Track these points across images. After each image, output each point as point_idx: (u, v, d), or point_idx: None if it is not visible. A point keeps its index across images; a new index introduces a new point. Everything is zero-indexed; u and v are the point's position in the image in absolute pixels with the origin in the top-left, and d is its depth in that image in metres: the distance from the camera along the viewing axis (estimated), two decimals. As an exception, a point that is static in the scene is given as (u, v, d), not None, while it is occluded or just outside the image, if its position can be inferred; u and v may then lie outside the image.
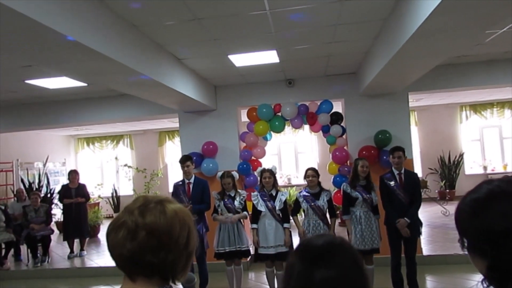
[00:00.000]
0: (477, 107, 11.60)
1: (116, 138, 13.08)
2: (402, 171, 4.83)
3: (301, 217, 5.20)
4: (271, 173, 4.86)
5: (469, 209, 1.01)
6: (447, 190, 11.22)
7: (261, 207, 4.77)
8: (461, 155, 11.56)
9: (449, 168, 11.41)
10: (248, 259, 5.89)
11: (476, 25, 3.15)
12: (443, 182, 11.33)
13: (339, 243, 1.01)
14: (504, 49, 5.71)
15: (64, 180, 9.60)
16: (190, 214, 1.14)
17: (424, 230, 6.53)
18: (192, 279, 1.27)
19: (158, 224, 1.05)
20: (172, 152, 12.60)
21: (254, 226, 4.83)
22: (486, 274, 0.97)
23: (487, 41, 5.18)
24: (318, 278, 0.94)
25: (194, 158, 5.96)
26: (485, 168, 11.75)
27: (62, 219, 8.49)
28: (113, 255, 1.07)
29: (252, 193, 5.02)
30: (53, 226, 8.24)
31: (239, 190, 5.10)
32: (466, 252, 1.03)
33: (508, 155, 11.74)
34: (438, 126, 11.79)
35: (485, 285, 0.98)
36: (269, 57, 5.11)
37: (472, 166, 11.84)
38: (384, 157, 5.92)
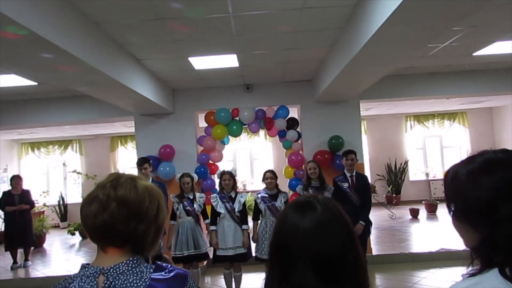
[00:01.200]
0: (420, 118, 12.37)
1: (64, 143, 12.50)
2: (354, 173, 5.08)
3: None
4: (231, 175, 4.91)
5: (465, 177, 0.95)
6: (394, 195, 11.82)
7: (221, 209, 4.79)
8: (406, 162, 12.24)
9: (395, 175, 12.04)
10: (205, 262, 5.86)
11: (421, 37, 3.43)
12: (390, 187, 11.93)
13: (324, 197, 1.12)
14: (445, 62, 6.19)
15: (5, 187, 9.03)
16: (160, 192, 1.21)
17: (373, 232, 6.84)
18: (159, 243, 1.30)
19: (128, 197, 1.11)
20: (125, 157, 12.26)
21: (213, 228, 4.84)
22: (477, 245, 0.93)
23: (431, 54, 5.61)
24: (309, 220, 1.03)
25: (151, 161, 5.88)
26: (427, 175, 12.52)
27: (3, 228, 7.96)
28: (86, 226, 1.12)
29: (211, 195, 5.04)
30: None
31: (197, 193, 5.10)
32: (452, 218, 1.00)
33: (447, 163, 12.58)
34: (385, 134, 12.43)
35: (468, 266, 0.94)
36: (229, 61, 5.19)
37: (416, 173, 12.56)
38: (337, 161, 6.17)
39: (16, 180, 7.42)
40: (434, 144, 12.74)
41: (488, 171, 0.92)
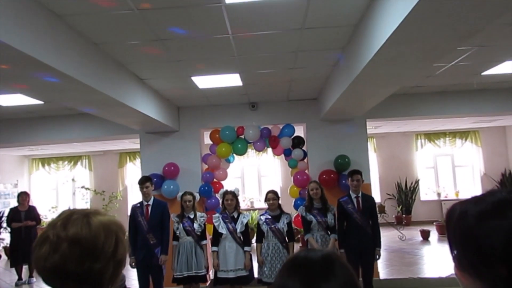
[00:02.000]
0: (431, 136, 12.17)
1: (73, 159, 12.61)
2: (360, 194, 4.96)
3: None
4: (234, 195, 4.85)
5: (475, 220, 0.84)
6: (404, 215, 11.56)
7: (222, 229, 4.72)
8: (417, 182, 12.00)
9: (406, 194, 11.80)
10: (208, 284, 5.76)
11: (424, 57, 3.36)
12: (400, 207, 11.69)
13: (336, 257, 0.96)
14: (453, 81, 6.09)
15: (15, 203, 9.09)
16: (119, 224, 1.14)
17: (382, 254, 6.65)
18: (121, 277, 1.23)
19: (80, 235, 1.04)
20: (133, 173, 12.29)
21: (215, 249, 4.76)
22: None
23: (438, 73, 5.52)
24: None
25: (155, 179, 5.85)
26: (438, 194, 12.24)
27: (9, 244, 7.99)
28: (37, 270, 1.06)
29: (213, 215, 4.97)
30: (1, 251, 7.73)
31: (198, 212, 5.03)
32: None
33: (460, 182, 12.31)
34: (395, 153, 12.25)
35: None
36: (232, 80, 5.19)
37: (427, 192, 12.30)
38: (343, 181, 6.06)
39: (23, 196, 7.47)
40: (446, 163, 12.49)
41: (502, 214, 0.81)
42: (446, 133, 12.09)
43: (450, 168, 12.44)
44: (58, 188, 12.78)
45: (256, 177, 12.51)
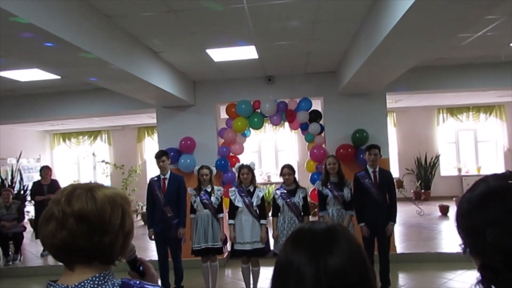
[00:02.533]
0: (454, 111, 11.84)
1: (93, 133, 12.82)
2: (377, 169, 4.89)
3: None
4: (249, 169, 4.84)
5: (465, 208, 0.95)
6: (423, 191, 11.42)
7: (239, 203, 4.74)
8: (437, 157, 11.78)
9: (425, 169, 11.62)
10: (225, 255, 5.86)
11: (448, 27, 3.20)
12: (419, 182, 11.53)
13: (340, 228, 0.94)
14: (479, 53, 5.83)
15: (38, 177, 9.35)
16: (124, 196, 1.13)
17: (399, 229, 6.62)
18: (132, 247, 1.23)
19: (86, 210, 1.03)
20: (151, 148, 12.41)
21: (231, 222, 4.80)
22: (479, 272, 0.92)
23: (463, 44, 5.28)
24: (327, 268, 0.84)
25: (172, 154, 5.89)
26: (459, 170, 12.01)
27: (34, 217, 8.27)
28: (46, 247, 1.05)
29: (229, 189, 4.98)
30: (26, 223, 8.01)
31: (215, 186, 5.06)
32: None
33: (482, 158, 12.03)
34: (416, 127, 11.99)
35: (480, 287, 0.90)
36: (248, 52, 5.08)
37: (447, 168, 12.08)
38: (361, 156, 5.97)
39: (45, 170, 7.66)
40: (468, 139, 12.18)
41: (484, 207, 0.89)
42: (469, 107, 11.73)
43: (472, 143, 12.14)
44: (79, 163, 13.08)
45: (273, 152, 12.50)
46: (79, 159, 13.04)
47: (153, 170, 11.76)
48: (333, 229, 0.92)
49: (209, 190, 4.93)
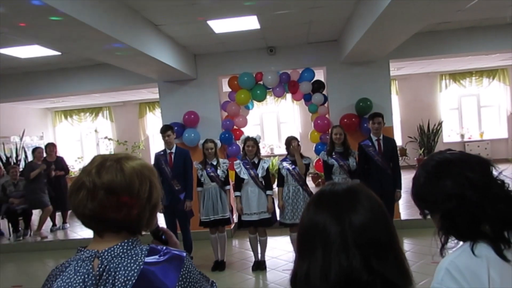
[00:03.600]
0: (456, 76, 11.73)
1: (95, 110, 12.80)
2: (381, 137, 4.91)
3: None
4: (255, 142, 4.85)
5: (423, 175, 1.23)
6: (425, 158, 11.45)
7: (244, 175, 4.78)
8: (440, 124, 11.76)
9: (428, 137, 11.63)
10: (232, 226, 5.97)
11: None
12: (422, 150, 11.57)
13: (360, 188, 0.97)
14: (484, 15, 5.72)
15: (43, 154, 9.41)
16: (150, 168, 1.15)
17: (403, 196, 6.64)
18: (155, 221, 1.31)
19: (115, 182, 1.05)
20: (153, 123, 12.44)
21: (238, 194, 4.86)
22: (440, 223, 1.17)
23: (468, 7, 5.17)
24: (352, 225, 0.88)
25: (176, 128, 5.89)
26: (462, 136, 12.03)
27: (42, 193, 8.35)
28: (77, 215, 1.08)
29: (234, 162, 5.02)
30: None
31: (221, 159, 5.09)
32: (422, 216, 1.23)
33: (484, 123, 12.02)
34: (418, 95, 11.92)
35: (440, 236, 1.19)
36: (250, 23, 5.00)
37: (450, 134, 12.09)
38: (365, 125, 5.97)
39: (50, 147, 7.70)
40: (471, 104, 12.12)
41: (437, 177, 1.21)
42: (472, 72, 11.62)
43: (475, 108, 12.10)
44: (82, 139, 13.12)
45: (276, 124, 12.50)
46: (82, 136, 13.07)
47: (156, 146, 11.83)
48: (354, 189, 0.96)
49: (214, 163, 4.96)
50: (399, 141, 11.19)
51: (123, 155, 1.13)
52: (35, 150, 7.59)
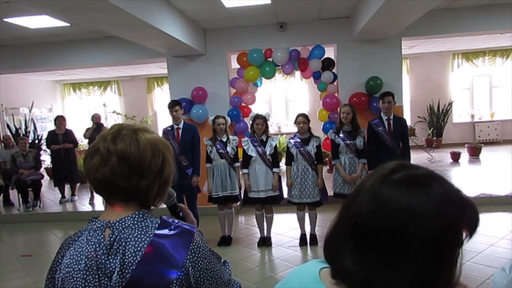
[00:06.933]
0: (469, 55, 11.50)
1: (103, 84, 12.79)
2: (391, 116, 4.86)
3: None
4: (264, 120, 4.82)
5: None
6: (434, 138, 11.40)
7: (252, 152, 4.78)
8: (450, 104, 11.62)
9: (438, 117, 11.52)
10: (238, 203, 6.02)
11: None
12: (431, 130, 11.48)
13: (437, 173, 0.81)
14: (502, -7, 5.55)
15: (51, 126, 9.48)
16: (166, 143, 1.15)
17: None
18: (171, 194, 1.29)
19: (128, 151, 1.06)
20: (161, 99, 12.43)
21: (245, 171, 4.87)
22: None
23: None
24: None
25: (184, 104, 5.88)
26: (472, 116, 11.89)
27: (51, 165, 8.47)
28: (89, 179, 1.10)
29: (242, 139, 5.01)
30: (43, 172, 8.25)
31: (230, 136, 5.09)
32: None
33: (496, 104, 11.84)
34: (429, 74, 11.73)
35: None
36: (261, -3, 4.90)
37: (460, 115, 11.96)
38: (375, 104, 5.91)
39: (59, 120, 7.74)
40: (483, 84, 11.93)
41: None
42: (486, 51, 11.38)
43: (487, 89, 11.92)
44: (91, 113, 13.09)
45: (284, 102, 12.43)
46: (91, 109, 13.11)
47: (164, 121, 11.85)
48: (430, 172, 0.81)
49: (224, 140, 4.96)
50: (408, 121, 11.06)
51: (141, 127, 1.14)
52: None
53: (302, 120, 4.76)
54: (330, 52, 6.53)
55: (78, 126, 12.05)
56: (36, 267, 4.79)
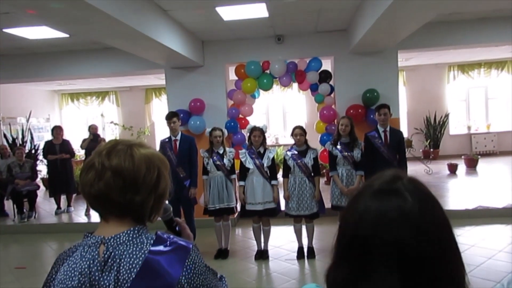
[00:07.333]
0: (465, 67, 11.60)
1: (101, 94, 12.81)
2: (388, 128, 4.88)
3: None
4: (262, 132, 4.82)
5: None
6: (431, 150, 11.43)
7: (249, 164, 4.77)
8: (447, 115, 11.69)
9: (434, 128, 11.57)
10: (236, 215, 5.99)
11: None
12: (428, 141, 11.52)
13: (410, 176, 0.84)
14: (496, 6, 5.62)
15: (49, 136, 9.45)
16: (162, 158, 1.15)
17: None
18: (168, 208, 1.29)
19: (122, 166, 1.06)
20: (159, 109, 12.44)
21: (242, 183, 4.86)
22: None
23: (480, -3, 5.09)
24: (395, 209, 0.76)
25: (181, 115, 5.89)
26: (469, 128, 11.95)
27: (47, 176, 8.43)
28: (84, 194, 1.10)
29: (240, 151, 5.01)
30: (39, 182, 8.20)
31: (227, 148, 5.08)
32: None
33: (492, 115, 11.92)
34: (426, 86, 11.82)
35: None
36: (258, 10, 4.94)
37: (457, 126, 12.01)
38: (371, 116, 5.93)
39: (57, 130, 7.73)
40: (479, 96, 12.02)
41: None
42: (481, 63, 11.49)
43: (483, 100, 12.00)
44: (89, 123, 13.07)
45: (281, 113, 12.46)
46: (88, 119, 13.10)
47: (161, 132, 11.85)
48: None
49: (221, 152, 4.95)
50: (405, 133, 11.10)
51: (137, 142, 1.14)
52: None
53: (299, 132, 4.76)
54: (327, 64, 6.58)
55: (76, 136, 12.06)
56: (29, 279, 4.72)
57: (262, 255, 4.97)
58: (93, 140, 7.81)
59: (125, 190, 1.05)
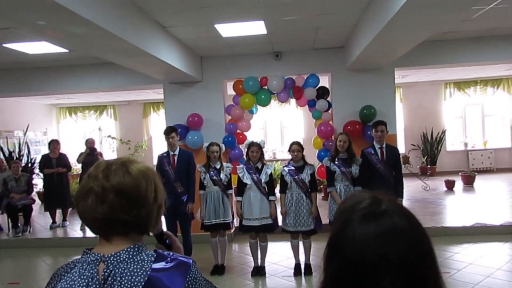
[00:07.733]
0: (461, 85, 11.71)
1: (99, 108, 12.83)
2: (384, 145, 4.90)
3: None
4: (259, 147, 4.83)
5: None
6: (429, 166, 11.45)
7: (247, 180, 4.76)
8: (444, 132, 11.74)
9: (431, 145, 11.61)
10: (232, 231, 5.95)
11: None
12: (425, 158, 11.55)
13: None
14: (491, 25, 5.71)
15: (46, 150, 9.43)
16: (153, 170, 1.17)
17: (405, 204, 6.64)
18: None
19: (124, 184, 1.07)
20: (157, 124, 12.45)
21: (239, 198, 4.85)
22: None
23: (474, 17, 5.17)
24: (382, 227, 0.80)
25: (179, 130, 5.89)
26: (465, 144, 12.00)
27: (43, 189, 8.37)
28: (86, 221, 1.09)
29: (237, 166, 5.01)
30: (35, 196, 8.13)
31: (224, 163, 5.08)
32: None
33: (488, 132, 11.99)
34: (422, 102, 11.91)
35: None
36: (257, 28, 5.01)
37: (454, 143, 12.07)
38: (368, 132, 5.96)
39: (54, 144, 7.72)
40: (475, 113, 12.11)
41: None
42: (477, 81, 11.61)
43: (479, 117, 12.09)
44: (86, 137, 13.07)
45: (279, 128, 12.50)
46: (86, 133, 13.08)
47: (159, 146, 11.84)
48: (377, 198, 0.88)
49: (218, 167, 4.95)
50: (402, 149, 11.18)
51: (126, 159, 1.15)
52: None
53: (296, 148, 4.78)
54: (324, 81, 6.64)
55: (73, 150, 12.03)
56: (23, 295, 4.66)
57: (259, 271, 4.92)
58: (89, 154, 7.79)
59: (130, 207, 1.06)
